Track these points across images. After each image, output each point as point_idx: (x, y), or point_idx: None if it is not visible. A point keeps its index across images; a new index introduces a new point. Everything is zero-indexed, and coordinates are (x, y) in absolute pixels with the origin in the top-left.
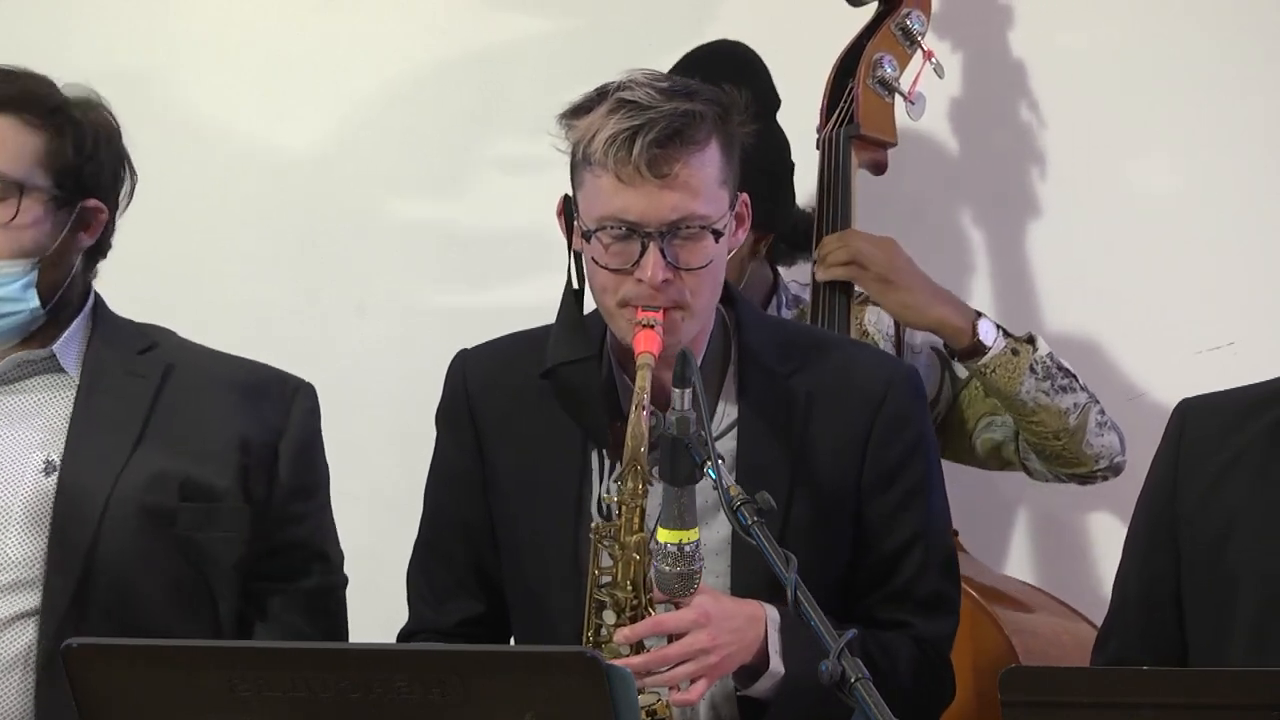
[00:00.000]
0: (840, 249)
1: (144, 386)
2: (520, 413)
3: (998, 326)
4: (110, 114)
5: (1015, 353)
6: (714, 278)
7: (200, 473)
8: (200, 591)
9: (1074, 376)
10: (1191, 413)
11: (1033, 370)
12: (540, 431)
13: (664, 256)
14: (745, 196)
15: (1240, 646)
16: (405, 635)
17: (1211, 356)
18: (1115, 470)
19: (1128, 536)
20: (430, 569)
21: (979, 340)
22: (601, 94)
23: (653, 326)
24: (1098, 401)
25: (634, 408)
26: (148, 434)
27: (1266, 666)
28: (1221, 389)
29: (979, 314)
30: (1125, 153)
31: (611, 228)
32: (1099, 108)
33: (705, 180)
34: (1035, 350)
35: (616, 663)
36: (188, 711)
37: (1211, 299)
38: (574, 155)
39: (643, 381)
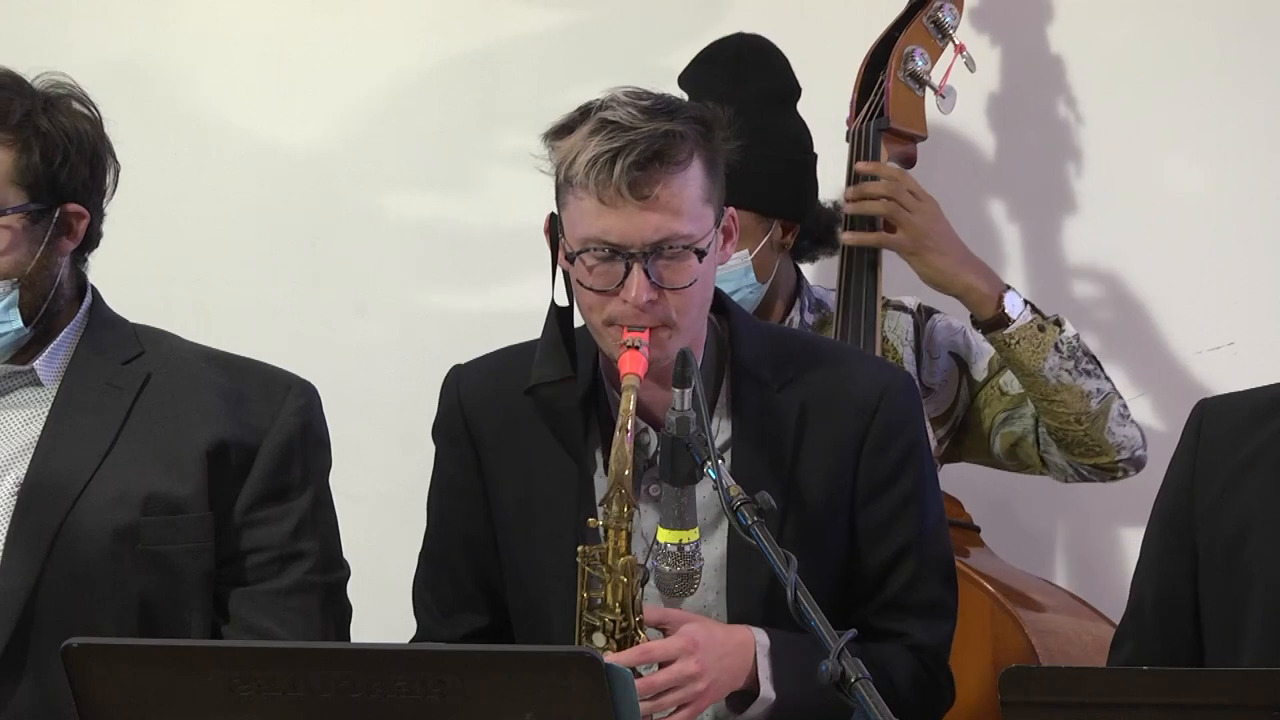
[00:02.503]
0: (882, 200)
1: (120, 399)
2: (516, 429)
3: (1026, 302)
4: (84, 103)
5: (1041, 329)
6: (700, 295)
7: (164, 484)
8: (170, 608)
9: (1098, 364)
10: (1210, 412)
11: (1057, 349)
12: (536, 448)
13: (648, 277)
14: (732, 210)
15: (1255, 647)
16: None
17: (1212, 356)
18: (1137, 464)
19: (1145, 536)
20: (435, 583)
21: (1004, 311)
22: (584, 113)
23: (638, 347)
24: (1120, 396)
25: (618, 430)
26: (115, 451)
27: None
28: (1225, 389)
29: (1008, 287)
30: (1127, 152)
31: (595, 249)
32: (1113, 106)
33: (687, 200)
34: (1062, 331)
35: None
36: (188, 711)
37: (1212, 299)
38: (557, 176)
39: (626, 404)
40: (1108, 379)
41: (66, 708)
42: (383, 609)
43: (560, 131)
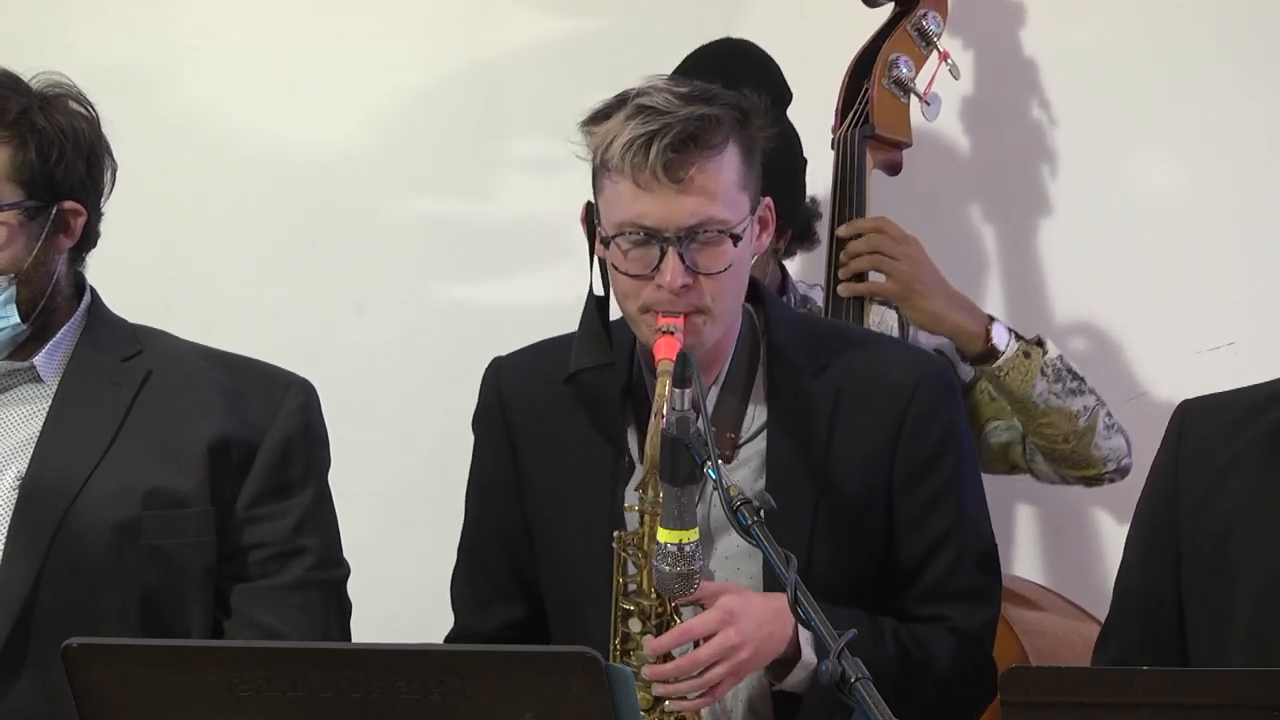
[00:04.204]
0: (866, 256)
1: (120, 395)
2: (553, 420)
3: (1009, 330)
4: (81, 103)
5: (1027, 355)
6: (735, 281)
7: (165, 479)
8: (171, 602)
9: (1082, 379)
10: (1192, 414)
11: (1044, 373)
12: (572, 438)
13: (683, 261)
14: (768, 200)
15: (1239, 649)
16: (449, 640)
17: (1211, 356)
18: (1122, 472)
19: (1129, 537)
20: (471, 575)
21: (993, 345)
22: (621, 100)
23: (673, 333)
24: (1105, 404)
25: (653, 415)
26: (117, 445)
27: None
28: (1222, 390)
29: (991, 318)
30: (1127, 152)
31: (630, 233)
32: (1105, 107)
33: (723, 184)
34: (1045, 353)
35: (650, 671)
36: (188, 711)
37: (1211, 299)
38: (594, 162)
39: (662, 389)
40: (1092, 391)
41: (67, 703)
42: (383, 609)
43: (597, 117)
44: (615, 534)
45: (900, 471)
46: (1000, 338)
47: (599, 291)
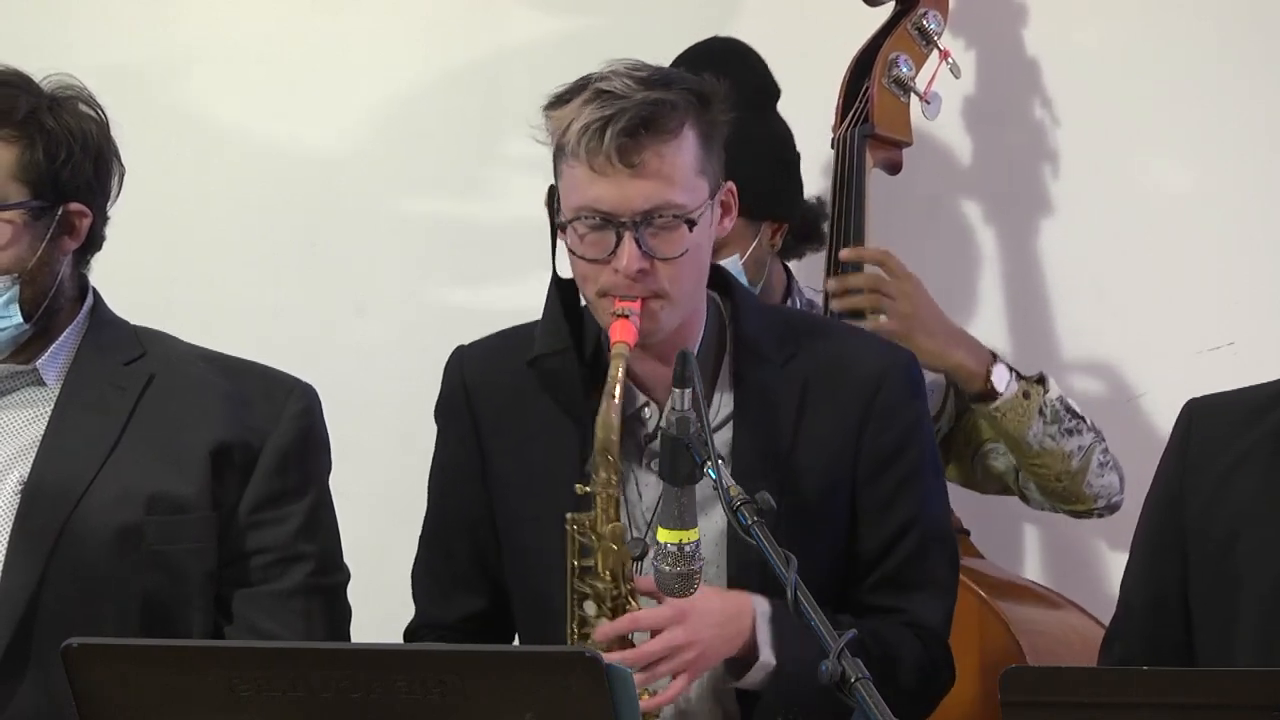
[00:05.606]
0: (866, 295)
1: (123, 399)
2: (517, 407)
3: (1010, 369)
4: (91, 105)
5: (1026, 395)
6: (694, 266)
7: (168, 484)
8: (173, 607)
9: (1081, 418)
10: (1199, 413)
11: (1041, 414)
12: (537, 425)
13: (639, 246)
14: (731, 185)
15: (1246, 649)
16: (410, 631)
17: (1212, 356)
18: (1112, 509)
19: (1135, 537)
20: (433, 564)
21: (992, 386)
22: (581, 84)
23: (628, 316)
24: (1103, 440)
25: (605, 398)
26: (120, 450)
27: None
28: (1225, 389)
29: (994, 356)
30: (1128, 152)
31: (586, 218)
32: (1106, 106)
33: (679, 169)
34: (1046, 392)
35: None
36: (188, 711)
37: (1212, 299)
38: (553, 146)
39: (615, 371)
40: (1091, 430)
41: (69, 708)
42: (383, 609)
43: (557, 101)
44: (568, 516)
45: (865, 461)
46: (1001, 379)
47: (563, 274)
